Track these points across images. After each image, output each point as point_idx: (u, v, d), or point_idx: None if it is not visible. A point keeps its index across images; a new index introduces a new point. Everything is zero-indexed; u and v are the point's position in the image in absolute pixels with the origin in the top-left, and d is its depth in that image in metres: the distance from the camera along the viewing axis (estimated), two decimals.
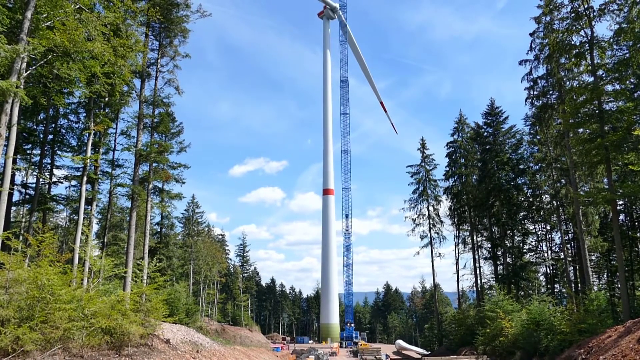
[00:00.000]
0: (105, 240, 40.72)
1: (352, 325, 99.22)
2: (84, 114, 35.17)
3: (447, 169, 68.82)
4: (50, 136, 35.75)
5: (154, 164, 36.44)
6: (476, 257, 63.22)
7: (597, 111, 30.20)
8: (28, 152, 35.78)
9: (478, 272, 62.46)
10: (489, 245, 62.61)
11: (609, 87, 30.61)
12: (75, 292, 19.89)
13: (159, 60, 36.78)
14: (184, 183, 42.73)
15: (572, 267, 48.38)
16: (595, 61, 31.08)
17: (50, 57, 23.95)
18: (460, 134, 67.97)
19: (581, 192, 38.89)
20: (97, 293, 22.88)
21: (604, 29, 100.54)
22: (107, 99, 32.78)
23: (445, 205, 72.74)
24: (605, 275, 54.89)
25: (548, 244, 60.50)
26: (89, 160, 31.42)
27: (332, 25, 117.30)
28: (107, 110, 34.37)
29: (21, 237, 31.39)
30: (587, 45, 31.86)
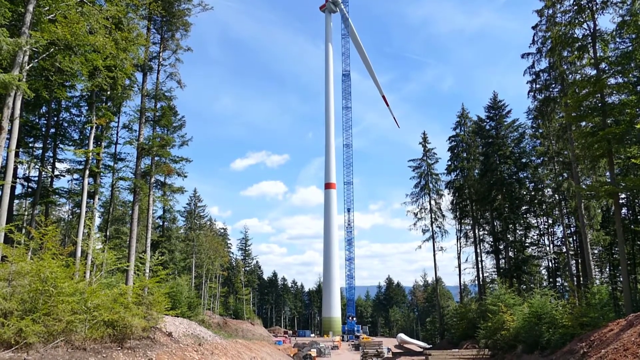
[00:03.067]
0: (108, 233, 40.84)
1: (354, 318, 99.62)
2: (86, 108, 35.19)
3: (449, 162, 68.73)
4: (53, 129, 35.78)
5: (156, 158, 36.49)
6: (478, 250, 63.26)
7: (599, 104, 30.04)
8: (30, 145, 35.83)
9: (480, 266, 62.52)
10: (491, 239, 62.58)
11: (612, 80, 30.40)
12: (78, 285, 19.99)
13: (160, 54, 36.74)
14: (185, 177, 42.76)
15: (574, 261, 48.34)
16: (597, 54, 30.88)
17: (52, 50, 23.94)
18: (462, 128, 67.81)
19: (583, 186, 38.81)
20: (100, 286, 22.96)
21: (606, 21, 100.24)
22: (109, 92, 32.79)
23: (447, 199, 72.86)
24: (607, 269, 54.91)
25: (550, 238, 60.56)
26: (91, 154, 31.46)
27: (334, 19, 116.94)
28: (109, 104, 34.39)
29: (24, 230, 31.50)
30: (589, 38, 31.65)
